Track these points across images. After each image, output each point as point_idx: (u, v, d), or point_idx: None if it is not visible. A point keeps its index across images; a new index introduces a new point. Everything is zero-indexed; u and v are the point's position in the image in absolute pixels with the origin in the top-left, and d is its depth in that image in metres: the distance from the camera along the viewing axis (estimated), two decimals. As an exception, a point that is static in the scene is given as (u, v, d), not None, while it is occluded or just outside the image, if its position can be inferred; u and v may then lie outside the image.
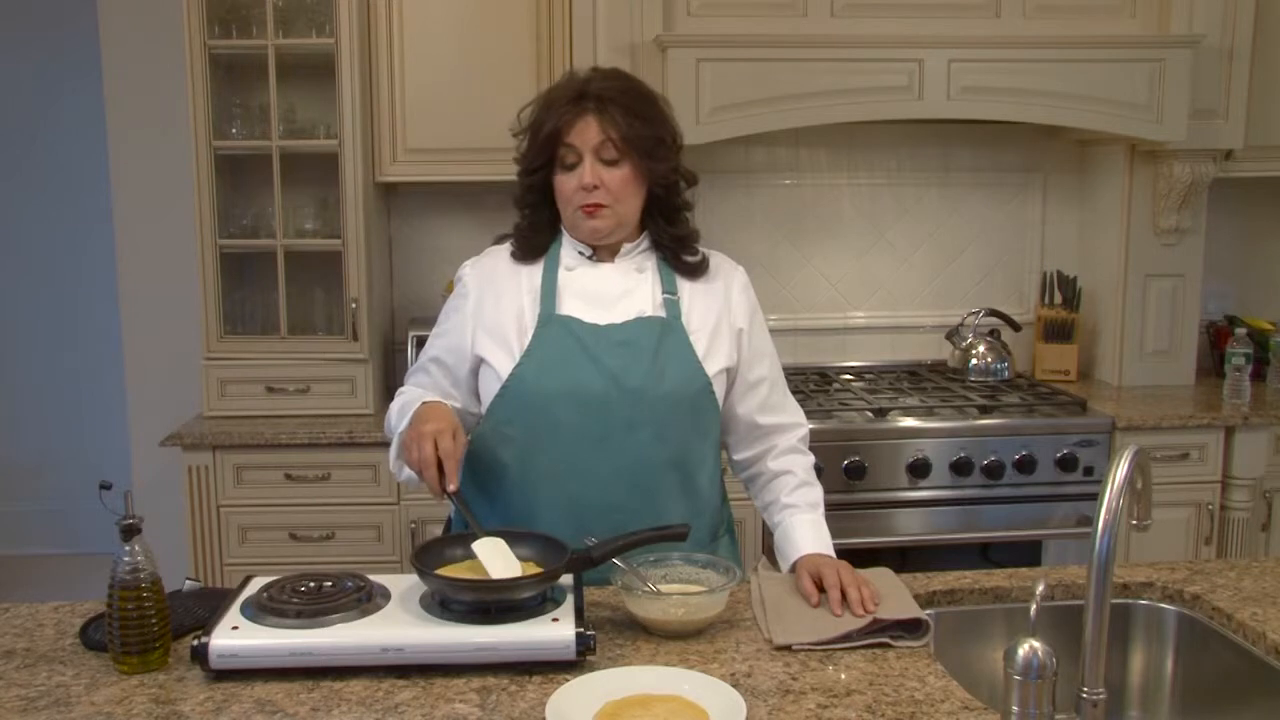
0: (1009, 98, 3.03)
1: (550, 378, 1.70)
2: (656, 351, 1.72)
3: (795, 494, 1.81)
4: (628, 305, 1.76)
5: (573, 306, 1.75)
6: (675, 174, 1.77)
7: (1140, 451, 1.27)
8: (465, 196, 3.36)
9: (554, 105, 1.73)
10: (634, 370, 1.70)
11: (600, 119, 1.70)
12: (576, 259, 1.79)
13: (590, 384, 1.69)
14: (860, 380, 3.36)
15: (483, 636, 1.41)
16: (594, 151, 1.70)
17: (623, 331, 1.73)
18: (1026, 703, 1.19)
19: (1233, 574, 1.79)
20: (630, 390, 1.69)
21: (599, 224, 1.73)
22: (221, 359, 3.07)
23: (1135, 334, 3.37)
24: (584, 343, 1.71)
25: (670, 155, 1.75)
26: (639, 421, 1.70)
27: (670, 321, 1.75)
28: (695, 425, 1.76)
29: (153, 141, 3.35)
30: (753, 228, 3.49)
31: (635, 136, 1.70)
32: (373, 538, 2.98)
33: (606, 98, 1.71)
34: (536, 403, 1.70)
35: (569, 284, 1.77)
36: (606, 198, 1.71)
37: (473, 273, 1.83)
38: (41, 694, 1.38)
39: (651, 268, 1.80)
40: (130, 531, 1.43)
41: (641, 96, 1.75)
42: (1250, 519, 3.09)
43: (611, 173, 1.71)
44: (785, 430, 1.86)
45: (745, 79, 2.95)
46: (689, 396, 1.73)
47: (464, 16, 3.09)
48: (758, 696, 1.36)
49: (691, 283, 1.80)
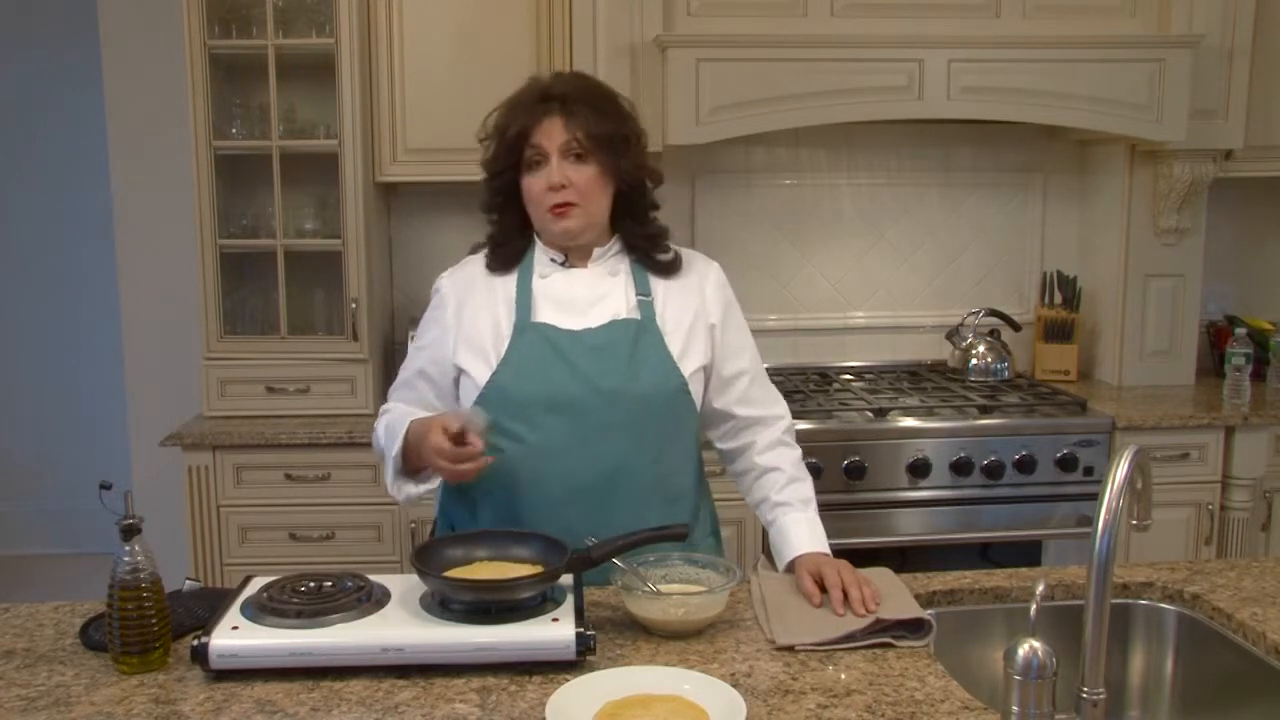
0: (1009, 98, 3.03)
1: (527, 384, 1.71)
2: (631, 354, 1.72)
3: (785, 491, 1.81)
4: (602, 309, 1.77)
5: (548, 313, 1.76)
6: (642, 172, 1.78)
7: (1140, 451, 1.27)
8: (465, 196, 3.32)
9: (519, 107, 1.75)
10: (609, 373, 1.71)
11: (566, 118, 1.71)
12: (550, 266, 1.80)
13: (566, 388, 1.70)
14: (860, 380, 3.36)
15: (483, 636, 1.41)
16: (560, 151, 1.71)
17: (597, 336, 1.73)
18: (1026, 703, 1.19)
19: (1233, 574, 1.79)
20: (606, 393, 1.70)
21: (569, 224, 1.74)
22: (221, 359, 3.07)
23: (1135, 334, 3.37)
24: (559, 348, 1.72)
25: (636, 153, 1.77)
26: (616, 423, 1.70)
27: (645, 323, 1.76)
28: (673, 425, 1.76)
29: (153, 141, 3.35)
30: (753, 228, 3.50)
31: (601, 134, 1.71)
32: (373, 538, 2.98)
33: (571, 98, 1.73)
34: (514, 409, 1.71)
35: (543, 291, 1.78)
36: (575, 196, 1.72)
37: (450, 283, 1.84)
38: (41, 694, 1.38)
39: (625, 271, 1.81)
40: (130, 531, 1.43)
41: (604, 96, 1.77)
42: (1250, 519, 3.09)
43: (579, 171, 1.72)
44: (766, 423, 1.86)
45: (745, 79, 2.95)
46: (665, 397, 1.74)
47: (464, 16, 3.09)
48: (758, 696, 1.36)
49: (665, 282, 1.81)
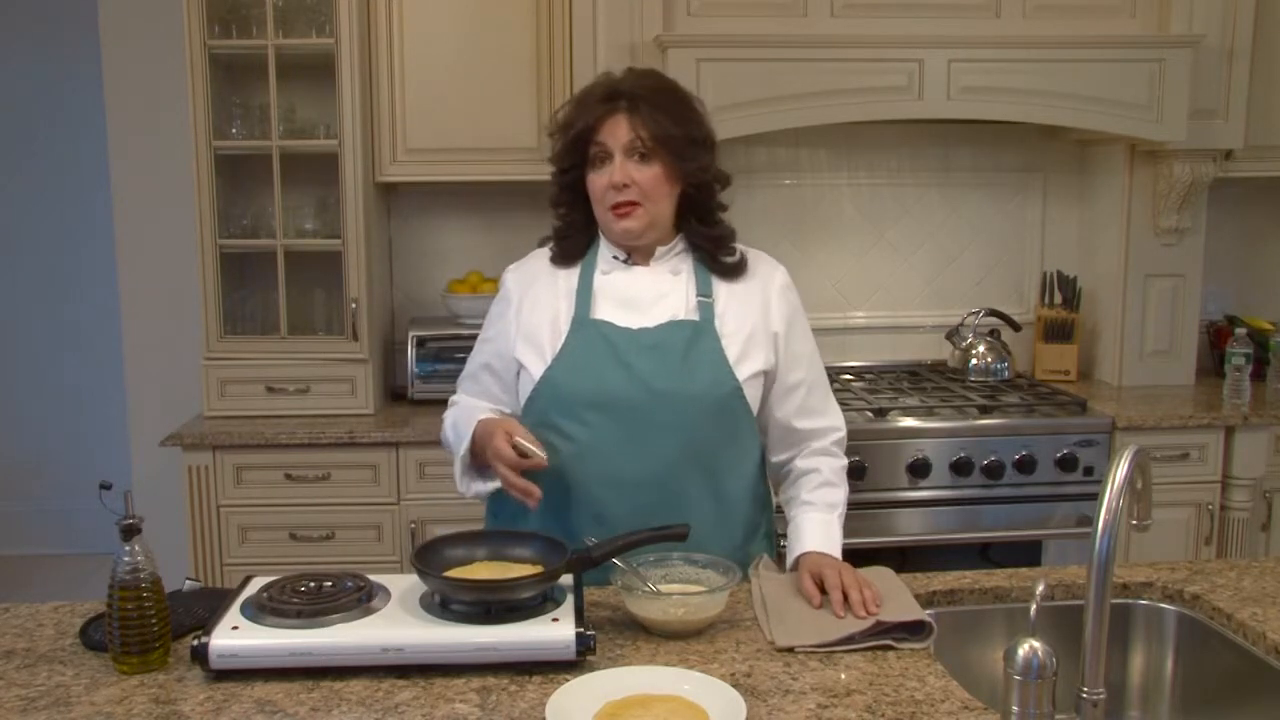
0: (1009, 98, 3.03)
1: (579, 381, 1.71)
2: (686, 355, 1.71)
3: (816, 492, 1.80)
4: (661, 308, 1.76)
5: (607, 310, 1.75)
6: (707, 174, 1.77)
7: (1140, 451, 1.27)
8: (465, 196, 3.35)
9: (586, 104, 1.74)
10: (662, 374, 1.70)
11: (631, 117, 1.70)
12: (612, 263, 1.79)
13: (618, 388, 1.69)
14: (860, 380, 3.36)
15: (483, 636, 1.41)
16: (624, 150, 1.70)
17: (654, 335, 1.73)
18: (1026, 703, 1.19)
19: (1233, 574, 1.79)
20: (658, 393, 1.69)
21: (631, 224, 1.73)
22: (221, 359, 3.07)
23: (1135, 334, 3.37)
24: (615, 346, 1.71)
25: (702, 155, 1.75)
26: (667, 425, 1.69)
27: (702, 325, 1.74)
28: (725, 429, 1.75)
29: (153, 141, 3.36)
30: (753, 228, 3.48)
31: (666, 135, 1.70)
32: (373, 538, 2.98)
33: (638, 96, 1.71)
34: (566, 406, 1.71)
35: (604, 288, 1.77)
36: (638, 195, 1.71)
37: (514, 277, 1.85)
38: (41, 694, 1.38)
39: (687, 270, 1.79)
40: (130, 531, 1.43)
41: (674, 96, 1.76)
42: (1250, 519, 3.09)
43: (642, 171, 1.71)
44: (820, 434, 1.85)
45: (746, 79, 2.95)
46: (718, 400, 1.72)
47: (464, 16, 3.09)
48: (758, 696, 1.36)
49: (729, 284, 1.79)
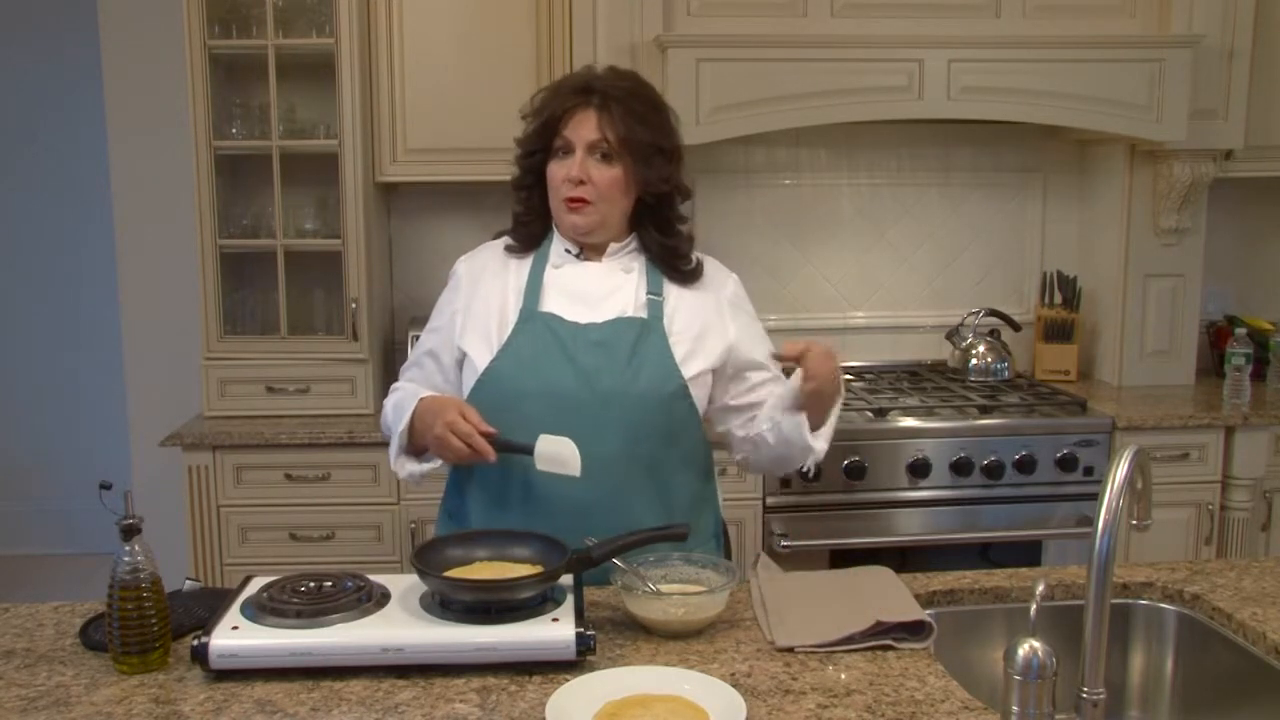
0: (1009, 98, 3.03)
1: (524, 375, 1.70)
2: (632, 352, 1.71)
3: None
4: (611, 305, 1.75)
5: (556, 304, 1.75)
6: (668, 185, 1.76)
7: (1140, 451, 1.27)
8: (465, 196, 3.36)
9: (560, 92, 1.74)
10: (608, 370, 1.69)
11: (601, 115, 1.70)
12: (564, 257, 1.79)
13: (562, 383, 1.69)
14: (860, 380, 3.36)
15: (483, 636, 1.41)
16: (587, 146, 1.70)
17: (601, 331, 1.72)
18: (1026, 703, 1.19)
19: (1233, 574, 1.79)
20: (601, 391, 1.69)
21: (579, 220, 1.73)
22: (221, 359, 3.07)
23: (1135, 334, 3.37)
24: (562, 341, 1.71)
25: (665, 166, 1.74)
26: (610, 422, 1.69)
27: (650, 322, 1.74)
28: (669, 427, 1.74)
29: (153, 141, 3.35)
30: (753, 228, 3.49)
31: (631, 140, 1.69)
32: (373, 538, 2.98)
33: (611, 96, 1.70)
34: (509, 400, 1.70)
35: (554, 281, 1.77)
36: (591, 194, 1.71)
37: (466, 267, 1.85)
38: (41, 694, 1.38)
39: (639, 268, 1.79)
40: (130, 531, 1.43)
41: (648, 102, 1.74)
42: (1250, 519, 3.09)
43: (602, 171, 1.70)
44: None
45: (745, 79, 2.95)
46: (663, 398, 1.72)
47: (464, 16, 3.09)
48: (758, 696, 1.36)
49: (680, 285, 1.79)
